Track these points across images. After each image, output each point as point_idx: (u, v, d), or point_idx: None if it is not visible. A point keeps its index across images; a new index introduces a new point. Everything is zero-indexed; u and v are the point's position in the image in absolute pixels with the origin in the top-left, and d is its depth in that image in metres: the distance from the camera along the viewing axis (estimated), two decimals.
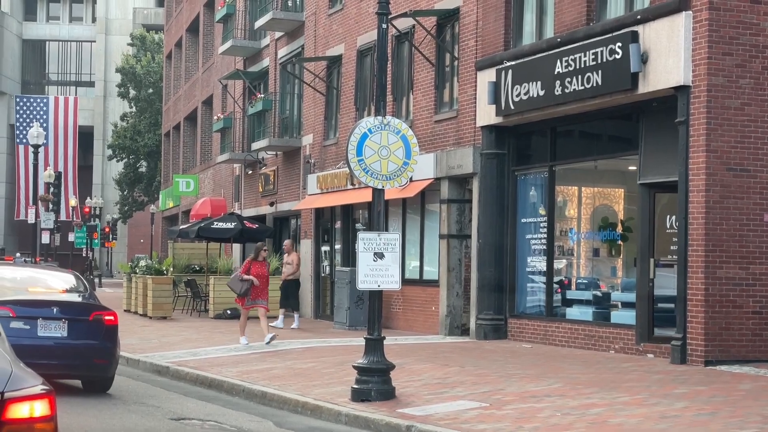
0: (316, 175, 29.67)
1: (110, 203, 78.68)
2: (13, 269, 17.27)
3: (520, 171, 21.34)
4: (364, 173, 16.22)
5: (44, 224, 44.86)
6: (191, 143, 51.33)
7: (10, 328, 13.09)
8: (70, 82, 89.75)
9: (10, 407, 4.48)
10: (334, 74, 30.08)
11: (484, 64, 21.33)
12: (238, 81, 38.55)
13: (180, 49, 53.54)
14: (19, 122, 77.81)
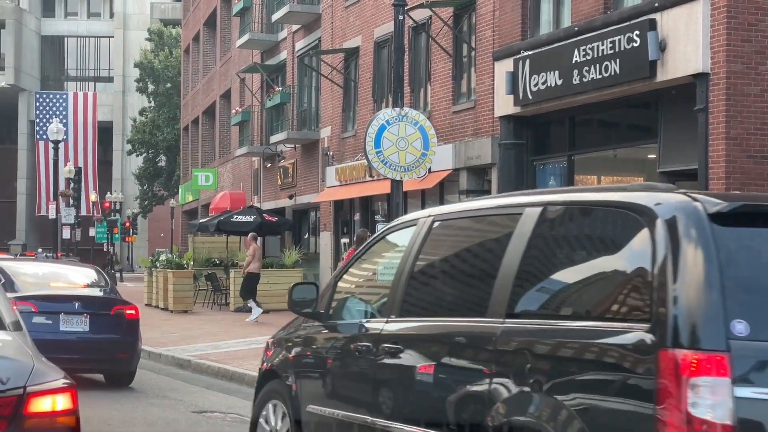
0: (335, 167, 29.69)
1: (130, 198, 78.96)
2: (35, 265, 17.40)
3: (538, 161, 21.29)
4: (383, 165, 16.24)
5: (65, 220, 45.07)
6: (210, 137, 51.44)
7: (32, 323, 13.16)
8: (89, 78, 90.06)
9: (32, 401, 4.51)
10: (352, 66, 30.08)
11: (502, 54, 21.28)
12: (256, 74, 38.60)
13: (198, 44, 53.64)
14: (38, 118, 78.16)
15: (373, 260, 7.33)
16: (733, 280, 4.47)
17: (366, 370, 6.43)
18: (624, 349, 4.60)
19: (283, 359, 7.45)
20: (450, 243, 6.52)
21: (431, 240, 6.38)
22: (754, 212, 4.78)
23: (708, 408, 4.28)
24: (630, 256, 4.91)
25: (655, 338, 4.48)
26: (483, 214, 6.23)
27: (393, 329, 6.27)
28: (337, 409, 6.65)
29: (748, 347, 4.34)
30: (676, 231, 4.64)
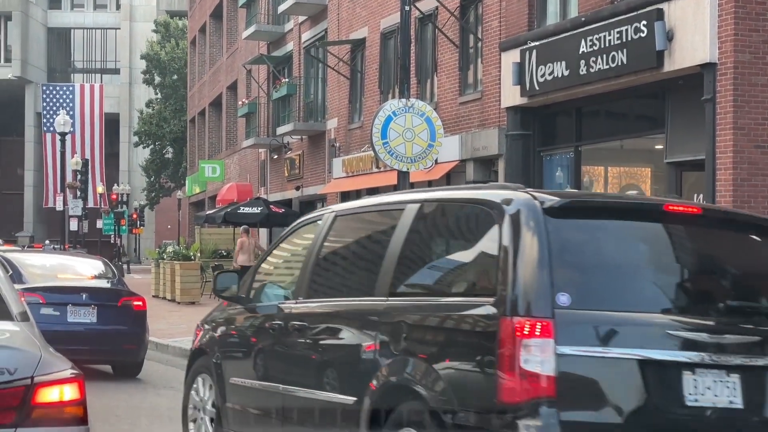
0: (342, 158, 29.69)
1: (137, 190, 79.06)
2: (43, 256, 17.46)
3: (545, 152, 21.28)
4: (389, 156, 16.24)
5: (72, 211, 45.14)
6: (216, 129, 51.47)
7: (40, 314, 13.22)
8: (96, 70, 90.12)
9: (39, 391, 4.52)
10: (358, 57, 30.06)
11: (508, 44, 21.25)
12: (263, 66, 38.59)
13: (204, 35, 53.64)
14: (45, 110, 78.21)
15: (287, 250, 8.32)
16: (560, 261, 5.50)
17: (278, 346, 7.46)
18: (475, 319, 5.66)
19: (209, 339, 8.48)
20: (347, 235, 7.55)
21: (332, 232, 7.45)
22: (582, 207, 5.89)
23: (537, 363, 5.30)
24: (483, 243, 5.92)
25: (497, 309, 5.48)
26: (374, 210, 7.38)
27: (300, 309, 7.31)
28: (254, 380, 7.65)
29: (569, 315, 5.38)
30: (519, 222, 5.65)
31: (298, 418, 7.10)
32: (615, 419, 5.37)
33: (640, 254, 5.91)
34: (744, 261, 6.24)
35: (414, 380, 5.85)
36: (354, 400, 6.34)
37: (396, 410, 5.95)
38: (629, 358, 5.42)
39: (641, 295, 5.69)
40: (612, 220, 5.89)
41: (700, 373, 5.52)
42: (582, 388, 5.39)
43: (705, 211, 6.17)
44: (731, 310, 5.86)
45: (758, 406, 5.61)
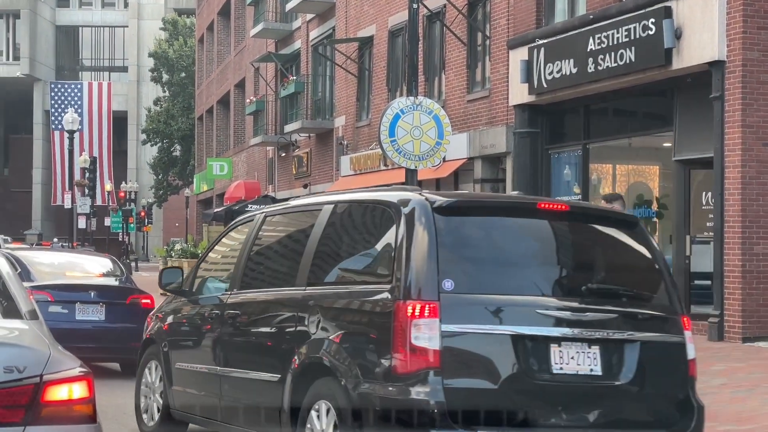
0: (349, 156, 29.69)
1: (145, 188, 79.17)
2: (51, 254, 17.46)
3: (553, 149, 21.25)
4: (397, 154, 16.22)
5: (80, 209, 45.21)
6: (224, 126, 51.49)
7: (48, 312, 13.23)
8: (104, 68, 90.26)
9: (48, 389, 4.52)
10: (366, 55, 30.05)
11: (516, 42, 21.23)
12: (270, 63, 38.60)
13: (212, 33, 53.67)
14: (54, 108, 78.33)
15: (225, 247, 9.28)
16: (446, 252, 6.39)
17: (216, 333, 8.36)
18: (375, 303, 6.55)
19: (158, 329, 9.42)
20: (274, 233, 8.48)
21: (262, 231, 8.42)
22: (466, 206, 6.87)
23: (425, 340, 6.20)
24: (384, 238, 6.83)
25: (393, 294, 6.38)
26: (297, 211, 8.34)
27: (234, 300, 8.22)
28: (196, 363, 8.60)
29: (452, 298, 6.28)
30: (412, 220, 6.55)
31: (234, 396, 7.97)
32: (491, 385, 6.28)
33: (516, 245, 6.82)
34: (605, 250, 7.25)
35: (327, 358, 6.73)
36: (279, 377, 7.22)
37: (313, 384, 6.83)
38: (504, 333, 6.33)
39: (516, 281, 6.60)
40: (492, 217, 6.85)
41: (565, 346, 6.44)
42: (463, 359, 6.29)
43: (572, 207, 7.12)
44: (593, 293, 6.74)
45: (615, 373, 6.56)
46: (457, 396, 6.18)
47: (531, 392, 6.36)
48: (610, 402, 6.56)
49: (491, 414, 6.25)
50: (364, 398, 6.33)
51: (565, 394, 6.43)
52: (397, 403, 6.20)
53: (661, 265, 7.13)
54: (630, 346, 6.62)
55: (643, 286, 7.09)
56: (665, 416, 6.72)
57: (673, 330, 6.90)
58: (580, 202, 8.18)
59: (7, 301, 5.09)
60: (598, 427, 6.48)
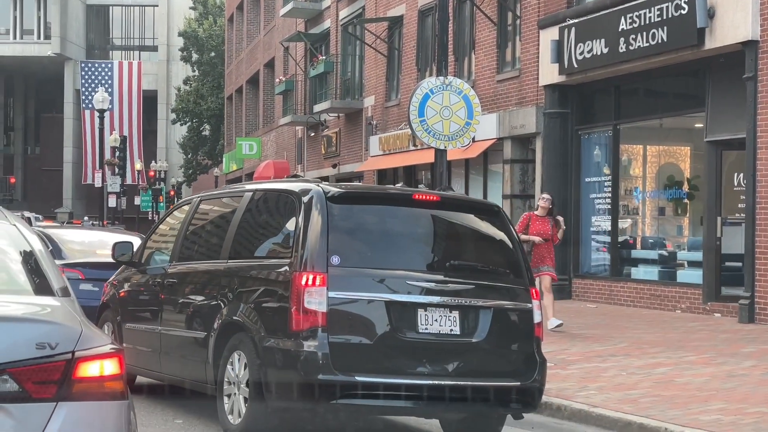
0: (378, 136, 29.67)
1: (175, 167, 79.40)
2: (82, 232, 17.57)
3: (583, 130, 21.15)
4: (426, 134, 16.18)
5: (111, 188, 45.44)
6: (254, 106, 51.54)
7: (79, 290, 13.32)
8: (134, 47, 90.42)
9: (80, 366, 4.55)
10: (396, 35, 29.98)
11: (547, 22, 21.11)
12: (300, 43, 38.58)
13: (241, 12, 53.66)
14: (84, 87, 78.59)
15: (169, 225, 10.70)
16: (335, 233, 7.83)
17: (157, 298, 9.84)
18: (279, 274, 7.98)
19: (111, 295, 10.90)
20: (206, 214, 9.95)
21: (196, 213, 9.94)
22: (354, 196, 8.42)
23: (315, 304, 7.62)
24: (288, 222, 8.32)
25: (291, 267, 7.84)
26: (224, 196, 10.05)
27: (173, 270, 9.68)
28: (141, 324, 10.13)
29: (339, 270, 7.72)
30: (310, 206, 7.99)
31: (170, 350, 9.41)
32: (368, 341, 7.73)
33: (394, 229, 8.19)
34: (468, 234, 8.79)
35: (242, 318, 8.17)
36: (205, 335, 8.68)
37: (231, 339, 8.28)
38: (379, 300, 7.76)
39: (392, 258, 8.01)
40: (376, 206, 8.36)
41: (431, 310, 7.86)
42: (346, 320, 7.70)
43: (442, 198, 8.54)
44: (455, 268, 8.23)
45: (471, 333, 7.99)
46: (340, 349, 7.58)
47: (401, 347, 7.78)
48: (467, 356, 7.98)
49: (368, 364, 7.68)
50: (268, 350, 7.79)
51: (429, 349, 7.83)
52: (293, 354, 7.61)
53: (516, 245, 8.56)
54: (484, 312, 8.03)
55: (498, 263, 8.55)
56: (513, 368, 8.13)
57: (522, 299, 8.27)
58: (450, 194, 9.63)
59: (40, 279, 5.12)
60: (457, 376, 7.91)
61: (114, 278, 11.06)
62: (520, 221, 15.04)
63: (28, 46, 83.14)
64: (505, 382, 8.04)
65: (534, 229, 14.84)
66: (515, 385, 8.04)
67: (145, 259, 10.42)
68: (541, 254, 14.80)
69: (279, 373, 7.76)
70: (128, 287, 10.61)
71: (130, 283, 10.58)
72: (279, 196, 8.78)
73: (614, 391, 10.54)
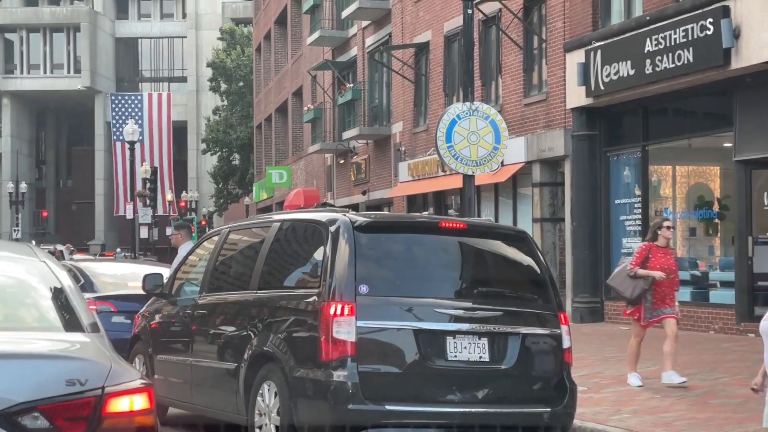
0: (407, 162, 29.71)
1: (205, 196, 79.76)
2: (113, 265, 17.69)
3: (612, 152, 21.10)
4: (454, 160, 16.19)
5: (142, 219, 45.68)
6: (283, 135, 51.76)
7: (111, 322, 13.40)
8: (163, 78, 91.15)
9: (110, 401, 4.59)
10: (422, 61, 30.06)
11: (573, 45, 21.12)
12: (327, 71, 38.75)
13: (269, 42, 54.00)
14: (115, 119, 79.22)
15: (199, 256, 10.71)
16: (363, 263, 7.85)
17: (188, 329, 9.84)
18: (308, 304, 8.00)
19: (143, 326, 10.93)
20: (234, 245, 9.98)
21: (225, 244, 9.97)
22: (381, 225, 8.55)
23: (344, 333, 7.65)
24: (316, 251, 8.32)
25: (320, 297, 7.85)
26: (253, 227, 10.09)
27: (203, 301, 9.70)
28: (172, 355, 10.08)
29: (367, 299, 7.72)
30: (337, 236, 8.01)
31: (201, 382, 9.45)
32: (397, 370, 7.76)
33: (421, 257, 8.23)
34: (495, 260, 8.77)
35: (271, 348, 8.20)
36: (235, 365, 8.68)
37: (261, 369, 8.30)
38: (408, 328, 7.78)
39: (420, 286, 8.03)
40: (403, 234, 8.44)
41: (459, 338, 7.87)
42: (375, 349, 7.73)
43: (469, 225, 8.66)
44: (483, 295, 8.22)
45: (500, 360, 7.99)
46: (370, 378, 7.61)
47: (430, 375, 7.79)
48: (496, 383, 7.98)
49: (397, 393, 7.70)
50: (298, 380, 7.82)
51: (458, 377, 7.84)
52: (322, 384, 7.64)
53: (543, 271, 8.54)
54: (513, 338, 8.03)
55: (526, 289, 8.52)
56: (543, 394, 8.10)
57: (551, 325, 8.25)
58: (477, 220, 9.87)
59: (69, 315, 5.17)
60: (486, 403, 7.90)
61: (145, 310, 11.13)
62: (637, 252, 12.34)
63: (59, 80, 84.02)
64: (535, 409, 8.02)
65: (656, 263, 12.06)
66: (546, 411, 8.02)
67: (176, 290, 10.49)
68: (663, 293, 12.06)
69: (309, 403, 7.78)
70: (159, 319, 10.67)
71: (161, 315, 10.64)
72: (306, 226, 8.80)
73: (648, 415, 10.47)
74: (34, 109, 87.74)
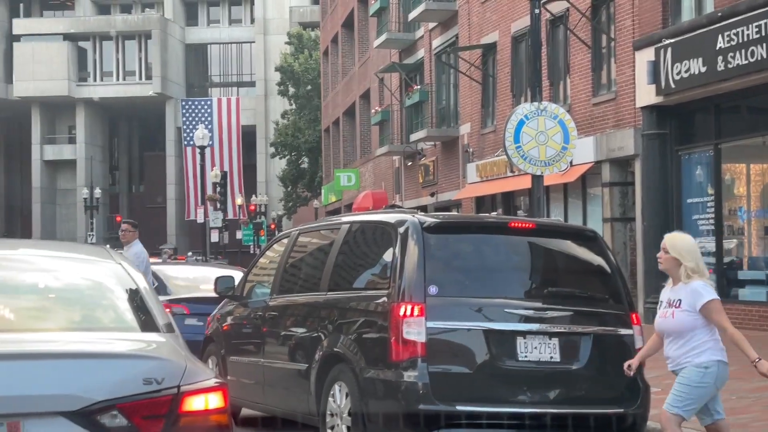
0: (475, 163, 29.64)
1: (275, 200, 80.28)
2: (185, 268, 17.90)
3: (683, 151, 20.85)
4: (522, 160, 16.15)
5: (213, 223, 46.09)
6: (351, 137, 51.94)
7: (184, 324, 13.56)
8: (232, 83, 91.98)
9: (186, 400, 4.65)
10: (489, 62, 29.98)
11: (642, 43, 20.91)
12: (394, 73, 38.81)
13: (336, 45, 54.22)
14: (185, 125, 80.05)
15: (269, 258, 10.79)
16: (432, 263, 7.85)
17: (259, 331, 9.97)
18: (377, 305, 8.04)
19: (215, 328, 11.06)
20: (304, 247, 10.07)
21: (295, 246, 10.07)
22: (450, 225, 8.54)
23: (414, 334, 7.66)
24: (385, 252, 8.36)
25: (389, 298, 7.88)
26: (322, 229, 10.08)
27: (274, 303, 9.80)
28: (244, 357, 10.21)
29: (436, 300, 7.73)
30: (406, 237, 8.04)
31: (273, 382, 9.53)
32: (467, 370, 7.74)
33: (491, 257, 8.24)
34: (565, 260, 8.73)
35: (342, 349, 8.24)
36: (306, 366, 8.75)
37: (332, 370, 8.35)
38: (478, 328, 7.77)
39: (490, 286, 8.03)
40: (472, 234, 8.43)
41: (530, 338, 7.83)
42: (445, 349, 7.74)
43: (538, 225, 8.70)
44: (553, 295, 8.15)
45: (571, 360, 7.96)
46: (440, 378, 7.61)
47: (500, 376, 7.77)
48: (568, 384, 7.95)
49: (468, 393, 7.68)
50: (369, 381, 7.84)
51: (529, 377, 7.83)
52: (393, 384, 7.67)
53: (614, 270, 8.48)
54: (584, 338, 8.02)
55: (597, 288, 8.45)
56: (615, 395, 8.02)
57: (622, 325, 8.21)
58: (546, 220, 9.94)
59: (145, 315, 5.25)
60: (557, 403, 7.89)
61: (217, 312, 11.26)
62: None
63: (131, 87, 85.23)
64: (607, 410, 7.96)
65: None
66: (618, 412, 7.96)
67: (247, 292, 10.59)
68: None
69: (380, 404, 7.81)
70: (231, 321, 10.79)
71: (233, 317, 10.76)
72: (375, 227, 8.85)
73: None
74: (106, 115, 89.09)
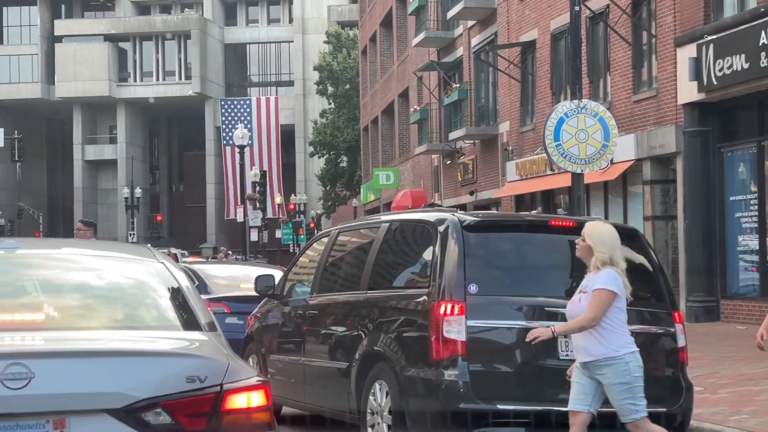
0: (515, 162, 29.54)
1: (314, 199, 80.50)
2: (226, 267, 17.99)
3: (726, 148, 20.66)
4: (562, 158, 16.05)
5: (252, 222, 46.25)
6: (389, 136, 51.94)
7: (225, 323, 13.62)
8: (271, 83, 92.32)
9: (229, 398, 4.67)
10: (529, 60, 29.86)
11: (684, 39, 20.74)
12: (433, 72, 38.76)
13: (374, 44, 54.24)
14: (224, 124, 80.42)
15: (309, 257, 10.81)
16: (472, 262, 7.83)
17: (299, 329, 9.97)
18: (417, 304, 8.04)
19: (256, 327, 11.15)
20: (344, 246, 10.06)
21: (335, 245, 10.05)
22: (490, 224, 8.51)
23: (454, 332, 7.66)
24: (425, 251, 8.33)
25: (430, 297, 7.86)
26: (362, 228, 10.11)
27: (314, 302, 9.81)
28: (285, 355, 10.26)
29: (476, 299, 7.72)
30: (446, 235, 8.02)
31: (314, 381, 9.56)
32: (508, 369, 7.77)
33: (531, 256, 8.23)
34: None
35: (382, 348, 8.27)
36: (347, 365, 8.76)
37: (372, 369, 8.37)
38: (518, 327, 7.72)
39: (530, 284, 8.03)
40: (512, 233, 8.38)
41: (570, 336, 7.47)
42: (485, 348, 7.75)
43: (579, 223, 8.26)
44: None
45: None
46: (481, 377, 7.62)
47: (541, 374, 7.76)
48: None
49: (509, 392, 7.69)
50: (409, 380, 7.86)
51: None
52: (433, 383, 7.66)
53: (656, 269, 8.47)
54: None
55: (639, 287, 8.02)
56: (658, 394, 7.82)
57: (664, 323, 8.20)
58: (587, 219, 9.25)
59: (187, 314, 5.26)
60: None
61: (257, 311, 11.30)
62: None
63: (170, 87, 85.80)
64: (650, 408, 7.78)
65: None
66: (661, 411, 7.88)
67: (287, 291, 10.62)
68: None
69: (420, 402, 7.80)
70: (271, 319, 10.82)
71: (273, 315, 10.79)
72: (415, 226, 8.82)
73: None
74: (147, 115, 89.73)
